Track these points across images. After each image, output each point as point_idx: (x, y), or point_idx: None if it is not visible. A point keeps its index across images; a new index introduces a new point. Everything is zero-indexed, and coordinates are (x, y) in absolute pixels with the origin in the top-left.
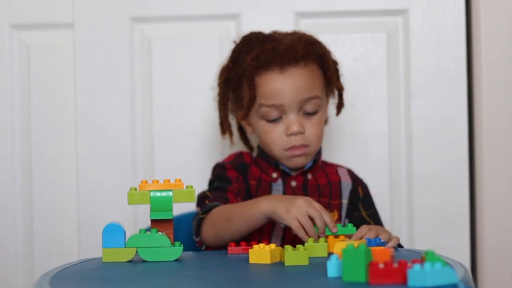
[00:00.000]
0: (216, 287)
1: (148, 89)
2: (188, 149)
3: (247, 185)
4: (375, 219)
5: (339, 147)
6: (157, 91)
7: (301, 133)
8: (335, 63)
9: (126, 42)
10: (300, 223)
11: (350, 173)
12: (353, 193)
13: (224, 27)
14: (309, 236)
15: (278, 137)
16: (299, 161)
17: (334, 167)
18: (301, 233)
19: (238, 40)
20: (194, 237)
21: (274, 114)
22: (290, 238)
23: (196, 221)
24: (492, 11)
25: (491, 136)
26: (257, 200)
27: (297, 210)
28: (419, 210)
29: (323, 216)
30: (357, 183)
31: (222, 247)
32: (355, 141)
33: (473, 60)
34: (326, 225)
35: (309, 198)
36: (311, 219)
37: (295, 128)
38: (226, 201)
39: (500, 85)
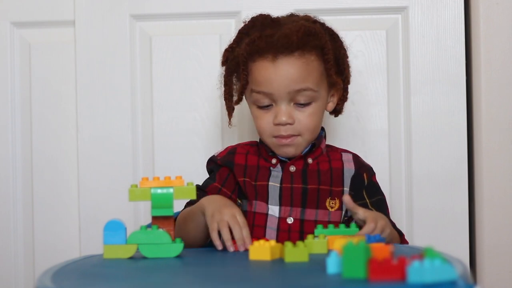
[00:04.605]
0: (216, 283)
1: (149, 86)
2: (188, 146)
3: (237, 181)
4: (378, 207)
5: (339, 144)
6: (158, 89)
7: (289, 124)
8: (343, 54)
9: (127, 39)
10: (219, 229)
11: (355, 158)
12: (356, 180)
13: (224, 25)
14: (223, 241)
15: (266, 125)
16: (287, 151)
17: (339, 152)
18: (214, 235)
19: (247, 20)
20: None
21: (264, 101)
22: (285, 227)
23: None
24: (491, 8)
25: (490, 133)
26: (203, 198)
27: (220, 217)
28: (419, 206)
29: (242, 230)
30: (362, 169)
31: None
32: (354, 138)
33: (472, 57)
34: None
35: (236, 211)
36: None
37: (282, 118)
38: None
39: (499, 82)
